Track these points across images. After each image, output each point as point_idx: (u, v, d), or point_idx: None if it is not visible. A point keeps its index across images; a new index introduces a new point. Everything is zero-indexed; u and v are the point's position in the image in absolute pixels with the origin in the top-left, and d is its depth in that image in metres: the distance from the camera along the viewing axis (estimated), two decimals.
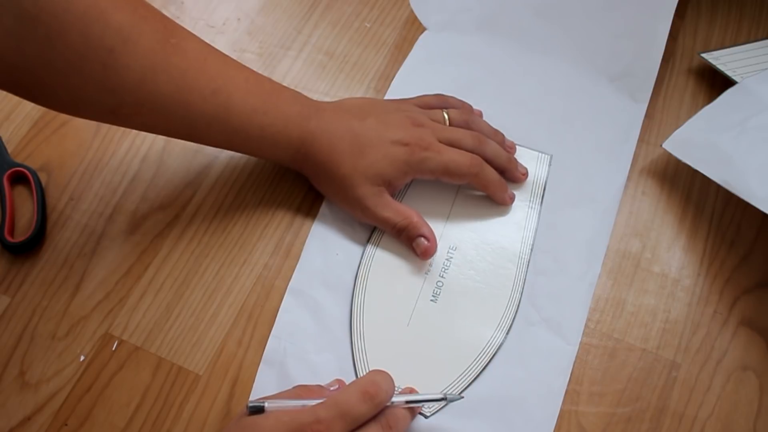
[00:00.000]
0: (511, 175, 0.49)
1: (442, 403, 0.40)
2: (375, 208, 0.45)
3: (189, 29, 0.43)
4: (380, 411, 0.37)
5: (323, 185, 0.48)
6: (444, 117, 0.49)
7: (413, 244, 0.46)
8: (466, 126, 0.49)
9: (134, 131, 0.53)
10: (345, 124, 0.46)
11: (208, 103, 0.42)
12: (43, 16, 0.36)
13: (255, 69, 0.45)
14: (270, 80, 0.46)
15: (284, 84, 0.54)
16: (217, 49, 0.44)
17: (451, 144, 0.47)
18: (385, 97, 0.54)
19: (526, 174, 0.49)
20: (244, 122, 0.43)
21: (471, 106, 0.52)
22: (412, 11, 0.57)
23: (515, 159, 0.50)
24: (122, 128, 0.53)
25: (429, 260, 0.47)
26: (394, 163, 0.45)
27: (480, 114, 0.52)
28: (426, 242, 0.46)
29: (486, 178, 0.47)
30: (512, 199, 0.48)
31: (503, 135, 0.50)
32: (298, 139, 0.45)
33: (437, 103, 0.51)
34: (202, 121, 0.43)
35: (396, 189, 0.47)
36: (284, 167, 0.51)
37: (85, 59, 0.37)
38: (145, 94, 0.40)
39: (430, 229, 0.46)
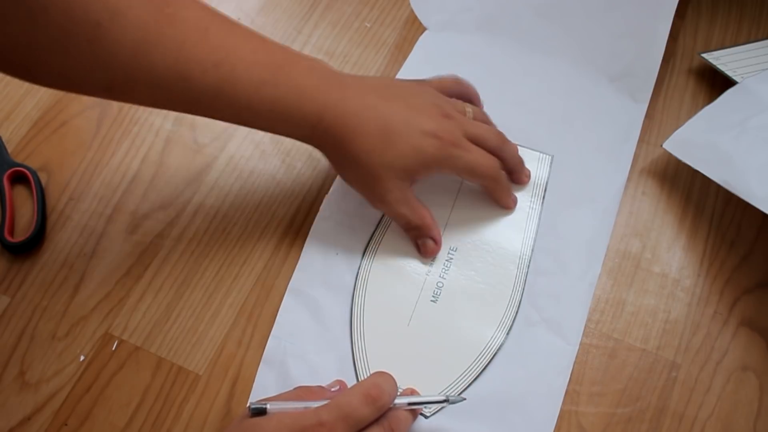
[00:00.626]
0: (517, 177, 0.49)
1: (444, 404, 0.40)
2: (396, 202, 0.44)
3: None
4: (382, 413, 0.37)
5: (344, 167, 0.45)
6: (467, 110, 0.47)
7: (419, 242, 0.46)
8: (486, 123, 0.48)
9: (134, 130, 0.53)
10: (371, 105, 0.43)
11: (209, 76, 0.39)
12: None
13: None
14: (284, 49, 0.43)
15: None
16: (223, 17, 0.41)
17: (476, 140, 0.45)
18: None
19: (530, 177, 0.49)
20: (252, 96, 0.40)
21: (479, 100, 0.51)
22: (412, 11, 0.57)
23: (523, 162, 0.49)
24: (122, 128, 0.53)
25: (429, 261, 0.47)
26: (422, 156, 0.43)
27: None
28: (433, 244, 0.46)
29: (501, 183, 0.47)
30: (515, 203, 0.48)
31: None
32: (315, 115, 0.42)
33: (456, 88, 0.49)
34: (205, 95, 0.40)
35: (416, 181, 0.45)
36: (284, 167, 0.51)
37: (70, 35, 0.35)
38: (138, 70, 0.38)
39: (439, 231, 0.46)
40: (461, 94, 0.49)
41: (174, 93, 0.40)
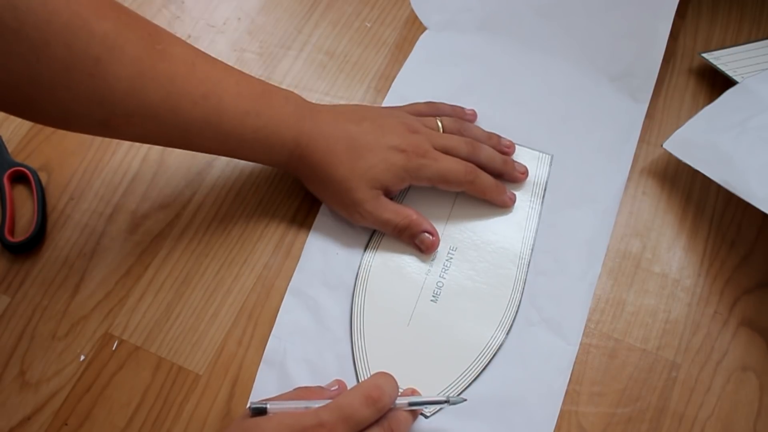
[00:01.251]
0: (509, 176, 0.49)
1: (445, 405, 0.40)
2: (375, 211, 0.45)
3: (189, 29, 0.43)
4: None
5: (319, 188, 0.47)
6: (438, 124, 0.49)
7: (416, 241, 0.46)
8: (459, 133, 0.49)
9: None
10: (341, 126, 0.46)
11: (198, 108, 0.41)
12: (26, 30, 0.35)
13: (255, 69, 0.45)
14: (262, 82, 0.45)
15: (284, 84, 0.54)
16: (205, 53, 0.43)
17: (446, 151, 0.47)
18: (386, 97, 0.54)
19: (525, 173, 0.49)
20: (237, 125, 0.43)
21: (463, 110, 0.52)
22: (412, 11, 0.57)
23: (511, 160, 0.50)
24: None
25: (429, 261, 0.47)
26: (392, 169, 0.45)
27: (474, 114, 0.52)
28: (430, 237, 0.46)
29: (482, 185, 0.47)
30: (513, 200, 0.48)
31: (498, 137, 0.50)
32: (292, 141, 0.44)
33: (429, 110, 0.50)
34: (194, 126, 0.42)
35: (392, 194, 0.47)
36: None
37: (72, 70, 0.37)
38: (134, 103, 0.39)
39: (431, 223, 0.47)
40: (434, 114, 0.50)
41: (166, 126, 0.41)
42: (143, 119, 0.40)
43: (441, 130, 0.48)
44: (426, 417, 0.41)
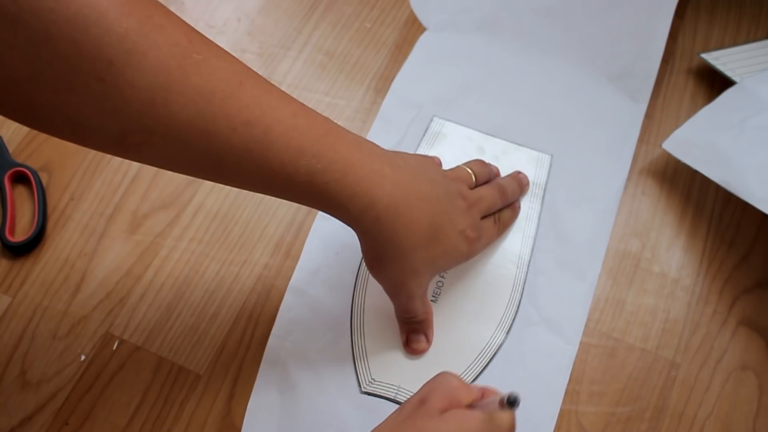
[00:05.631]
0: (522, 195, 0.50)
1: None
2: (416, 297, 0.42)
3: None
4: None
5: (382, 261, 0.41)
6: (470, 174, 0.46)
7: (413, 336, 0.44)
8: (488, 176, 0.48)
9: None
10: (425, 196, 0.40)
11: (237, 135, 0.34)
12: (25, 17, 0.29)
13: (255, 69, 0.44)
14: (328, 120, 0.38)
15: (284, 84, 0.55)
16: (260, 76, 0.37)
17: (487, 212, 0.45)
18: (386, 97, 0.54)
19: (529, 183, 0.50)
20: (286, 164, 0.35)
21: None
22: (412, 11, 0.57)
23: (526, 182, 0.50)
24: None
25: None
26: (457, 255, 0.42)
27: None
28: (425, 344, 0.44)
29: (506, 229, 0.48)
30: (519, 208, 0.49)
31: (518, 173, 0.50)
32: (366, 197, 0.37)
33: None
34: (230, 157, 0.35)
35: None
36: None
37: (78, 72, 0.31)
38: (155, 119, 0.33)
39: (433, 330, 0.45)
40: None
41: (195, 151, 0.34)
42: (165, 140, 0.34)
43: (473, 178, 0.46)
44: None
